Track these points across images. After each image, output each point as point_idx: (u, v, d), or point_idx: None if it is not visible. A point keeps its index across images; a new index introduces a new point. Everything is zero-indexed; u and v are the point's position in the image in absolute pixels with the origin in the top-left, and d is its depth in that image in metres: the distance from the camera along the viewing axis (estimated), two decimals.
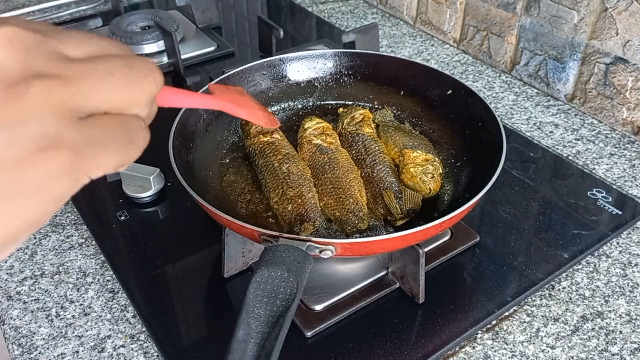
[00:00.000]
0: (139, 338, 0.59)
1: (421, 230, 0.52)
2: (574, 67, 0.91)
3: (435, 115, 0.74)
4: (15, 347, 0.59)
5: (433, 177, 0.63)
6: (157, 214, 0.73)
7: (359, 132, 0.69)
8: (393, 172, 0.65)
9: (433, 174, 0.64)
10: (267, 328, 0.43)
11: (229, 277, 0.64)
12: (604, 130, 0.88)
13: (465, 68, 1.04)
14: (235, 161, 0.70)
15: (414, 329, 0.59)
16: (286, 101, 0.79)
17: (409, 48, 1.11)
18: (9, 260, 0.68)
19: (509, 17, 0.98)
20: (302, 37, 1.17)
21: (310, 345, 0.57)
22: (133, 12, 1.12)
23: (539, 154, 0.83)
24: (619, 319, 0.61)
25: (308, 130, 0.69)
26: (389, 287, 0.62)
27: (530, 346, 0.58)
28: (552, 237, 0.69)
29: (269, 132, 0.68)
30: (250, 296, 0.44)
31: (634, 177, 0.80)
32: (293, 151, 0.67)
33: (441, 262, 0.66)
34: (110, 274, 0.66)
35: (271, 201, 0.63)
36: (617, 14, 0.82)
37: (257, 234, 0.52)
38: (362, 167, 0.66)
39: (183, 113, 0.65)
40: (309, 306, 0.60)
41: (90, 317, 0.61)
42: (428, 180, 0.63)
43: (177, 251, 0.68)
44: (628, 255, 0.68)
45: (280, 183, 0.62)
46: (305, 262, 0.47)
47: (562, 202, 0.75)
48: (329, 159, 0.66)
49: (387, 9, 1.23)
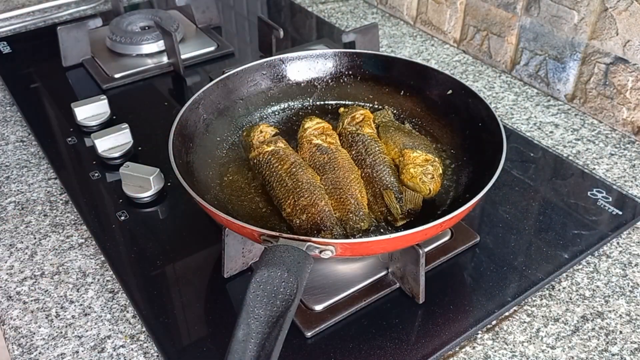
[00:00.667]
0: (139, 338, 0.59)
1: (421, 231, 0.52)
2: (574, 67, 0.91)
3: (435, 115, 0.74)
4: (15, 347, 0.59)
5: (433, 177, 0.63)
6: (157, 214, 0.73)
7: (359, 132, 0.69)
8: (393, 173, 0.65)
9: (433, 174, 0.64)
10: (267, 328, 0.43)
11: (229, 277, 0.64)
12: (604, 130, 0.88)
13: (465, 68, 1.04)
14: (235, 161, 0.70)
15: (414, 329, 0.59)
16: (286, 101, 0.79)
17: (409, 48, 1.11)
18: (9, 260, 0.68)
19: (509, 17, 0.98)
20: (302, 37, 1.17)
21: (310, 346, 0.57)
22: (133, 12, 1.12)
23: (539, 154, 0.83)
24: (619, 319, 0.61)
25: (308, 130, 0.69)
26: (389, 287, 0.62)
27: (531, 346, 0.58)
28: (552, 237, 0.69)
29: (272, 141, 0.68)
30: (250, 296, 0.44)
31: (634, 177, 0.80)
32: (299, 158, 0.66)
33: (441, 262, 0.66)
34: (110, 274, 0.66)
35: (284, 212, 0.61)
36: (617, 14, 0.82)
37: (257, 234, 0.52)
38: (362, 167, 0.66)
39: (183, 113, 0.65)
40: (309, 306, 0.60)
41: (90, 317, 0.61)
42: (428, 180, 0.63)
43: (177, 251, 0.68)
44: (628, 256, 0.68)
45: (290, 193, 0.61)
46: (305, 262, 0.47)
47: (562, 202, 0.75)
48: (329, 159, 0.66)
49: (387, 9, 1.23)
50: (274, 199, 0.63)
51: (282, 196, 0.62)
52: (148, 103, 0.95)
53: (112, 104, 0.89)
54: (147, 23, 1.10)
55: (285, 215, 0.61)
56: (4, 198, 0.77)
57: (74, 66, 1.03)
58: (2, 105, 0.96)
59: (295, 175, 0.63)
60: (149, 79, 1.01)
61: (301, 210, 0.60)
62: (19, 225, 0.73)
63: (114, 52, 1.06)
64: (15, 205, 0.76)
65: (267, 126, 0.71)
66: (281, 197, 0.62)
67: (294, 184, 0.62)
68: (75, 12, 1.23)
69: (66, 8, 1.24)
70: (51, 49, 1.04)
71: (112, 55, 1.05)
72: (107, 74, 1.00)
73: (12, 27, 1.18)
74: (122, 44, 1.05)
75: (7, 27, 1.17)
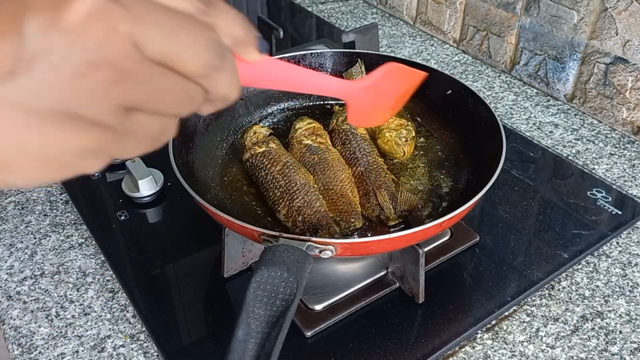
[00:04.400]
0: (138, 338, 0.59)
1: (421, 230, 0.52)
2: (574, 67, 0.91)
3: (435, 115, 0.74)
4: (15, 347, 0.59)
5: (407, 140, 0.68)
6: (157, 214, 0.73)
7: (352, 130, 0.69)
8: (386, 172, 0.65)
9: (407, 137, 0.68)
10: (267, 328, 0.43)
11: (229, 277, 0.64)
12: (603, 130, 0.88)
13: (465, 68, 1.04)
14: (235, 161, 0.70)
15: (413, 329, 0.59)
16: (286, 101, 0.79)
17: (408, 48, 1.11)
18: (9, 260, 0.68)
19: (508, 17, 0.98)
20: (302, 37, 1.17)
21: (310, 345, 0.57)
22: None
23: (539, 154, 0.83)
24: (618, 318, 0.61)
25: (299, 131, 0.69)
26: (388, 287, 0.62)
27: (530, 346, 0.59)
28: (552, 237, 0.69)
29: (264, 142, 0.67)
30: (250, 296, 0.44)
31: (633, 177, 0.80)
32: (292, 159, 0.66)
33: (441, 262, 0.66)
34: (110, 274, 0.66)
35: (279, 215, 0.61)
36: (617, 14, 0.82)
37: (257, 234, 0.52)
38: (355, 165, 0.66)
39: None
40: (308, 306, 0.60)
41: (90, 317, 0.61)
42: (402, 143, 0.67)
43: (177, 251, 0.68)
44: (628, 255, 0.68)
45: (284, 194, 0.61)
46: (305, 262, 0.47)
47: (562, 202, 0.75)
48: (320, 159, 0.65)
49: (387, 9, 1.23)
50: (268, 200, 0.63)
51: (276, 198, 0.62)
52: None
53: None
54: None
55: (280, 217, 0.61)
56: (4, 198, 0.77)
57: None
58: None
59: (289, 176, 0.62)
60: None
61: (297, 212, 0.60)
62: (19, 225, 0.73)
63: None
64: (15, 205, 0.76)
65: (261, 127, 0.70)
66: (275, 199, 0.62)
67: (288, 185, 0.62)
68: None
69: None
70: None
71: None
72: None
73: None
74: None
75: None
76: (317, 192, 0.62)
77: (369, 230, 0.61)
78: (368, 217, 0.62)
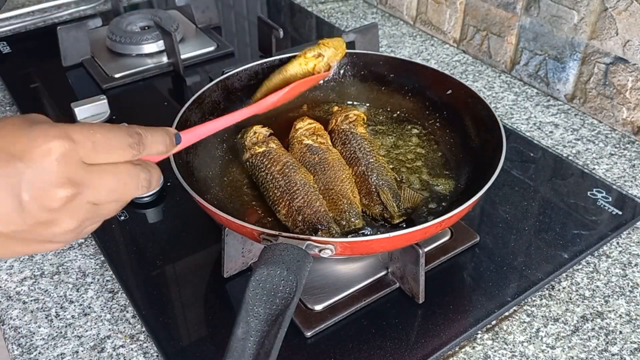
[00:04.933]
0: (138, 338, 0.59)
1: (421, 230, 0.52)
2: (574, 67, 0.91)
3: (435, 115, 0.74)
4: (15, 347, 0.58)
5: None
6: (157, 214, 0.73)
7: (352, 130, 0.69)
8: (388, 171, 0.65)
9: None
10: (266, 326, 0.43)
11: (229, 277, 0.64)
12: (604, 130, 0.88)
13: (465, 68, 1.04)
14: (235, 161, 0.70)
15: (413, 329, 0.59)
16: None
17: (408, 48, 1.11)
18: (8, 260, 0.68)
19: (508, 17, 0.98)
20: (302, 37, 1.17)
21: (310, 345, 0.57)
22: (133, 12, 1.12)
23: (539, 154, 0.83)
24: (619, 319, 0.61)
25: (299, 131, 0.69)
26: (388, 287, 0.62)
27: (530, 346, 0.58)
28: (552, 237, 0.69)
29: (264, 142, 0.67)
30: (249, 294, 0.44)
31: (634, 177, 0.80)
32: (292, 159, 0.65)
33: (441, 262, 0.65)
34: (110, 274, 0.66)
35: (279, 214, 0.61)
36: (617, 14, 0.82)
37: (256, 234, 0.52)
38: (356, 165, 0.66)
39: (183, 113, 0.65)
40: (308, 306, 0.60)
41: (90, 317, 0.61)
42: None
43: (177, 251, 0.68)
44: (628, 255, 0.68)
45: (284, 194, 0.61)
46: (304, 260, 0.47)
47: (562, 202, 0.75)
48: (320, 159, 0.65)
49: (387, 9, 1.23)
50: (268, 200, 0.63)
51: (276, 198, 0.62)
52: (148, 103, 0.95)
53: (112, 104, 0.89)
54: (146, 23, 1.10)
55: (280, 217, 0.61)
56: None
57: (73, 66, 1.03)
58: (2, 105, 0.96)
59: (289, 176, 0.62)
60: (149, 79, 1.01)
61: (297, 212, 0.60)
62: None
63: (114, 52, 1.06)
64: None
65: (261, 127, 0.70)
66: (275, 199, 0.62)
67: (288, 184, 0.62)
68: (75, 12, 1.23)
69: (66, 8, 1.24)
70: (51, 49, 1.04)
71: (112, 55, 1.05)
72: (107, 74, 1.00)
73: (11, 27, 1.18)
74: (122, 44, 1.05)
75: (7, 27, 1.17)
76: (317, 192, 0.62)
77: (369, 230, 0.61)
78: (371, 216, 0.62)
